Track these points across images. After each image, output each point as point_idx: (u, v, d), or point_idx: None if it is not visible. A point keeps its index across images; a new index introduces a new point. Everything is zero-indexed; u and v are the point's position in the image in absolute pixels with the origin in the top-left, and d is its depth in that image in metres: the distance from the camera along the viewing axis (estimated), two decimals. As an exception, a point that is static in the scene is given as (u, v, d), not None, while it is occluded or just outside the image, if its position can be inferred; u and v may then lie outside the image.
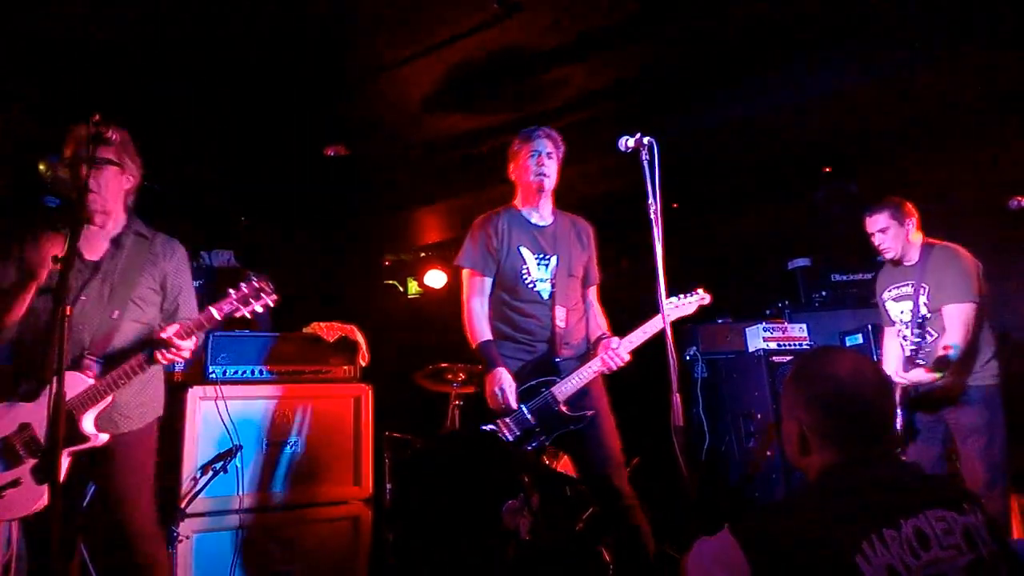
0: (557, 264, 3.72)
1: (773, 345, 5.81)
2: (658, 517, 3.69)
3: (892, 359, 4.38)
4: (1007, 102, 5.05)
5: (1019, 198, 3.73)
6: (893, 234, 4.23)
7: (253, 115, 5.31)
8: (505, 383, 3.46)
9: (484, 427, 3.48)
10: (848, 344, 5.81)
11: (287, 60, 4.63)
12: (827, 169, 6.25)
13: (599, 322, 3.84)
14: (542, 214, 3.83)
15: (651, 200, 2.97)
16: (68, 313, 2.37)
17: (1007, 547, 1.62)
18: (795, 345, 5.86)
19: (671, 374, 2.75)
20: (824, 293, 6.25)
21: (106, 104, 3.03)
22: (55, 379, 2.28)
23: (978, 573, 1.52)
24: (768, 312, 6.35)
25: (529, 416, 3.48)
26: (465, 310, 3.71)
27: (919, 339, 3.96)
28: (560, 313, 3.65)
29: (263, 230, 6.84)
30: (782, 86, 5.03)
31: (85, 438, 2.90)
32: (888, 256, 4.31)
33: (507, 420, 3.46)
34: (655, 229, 2.94)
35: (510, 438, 3.45)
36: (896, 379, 4.05)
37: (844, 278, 6.23)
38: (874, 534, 1.49)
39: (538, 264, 3.71)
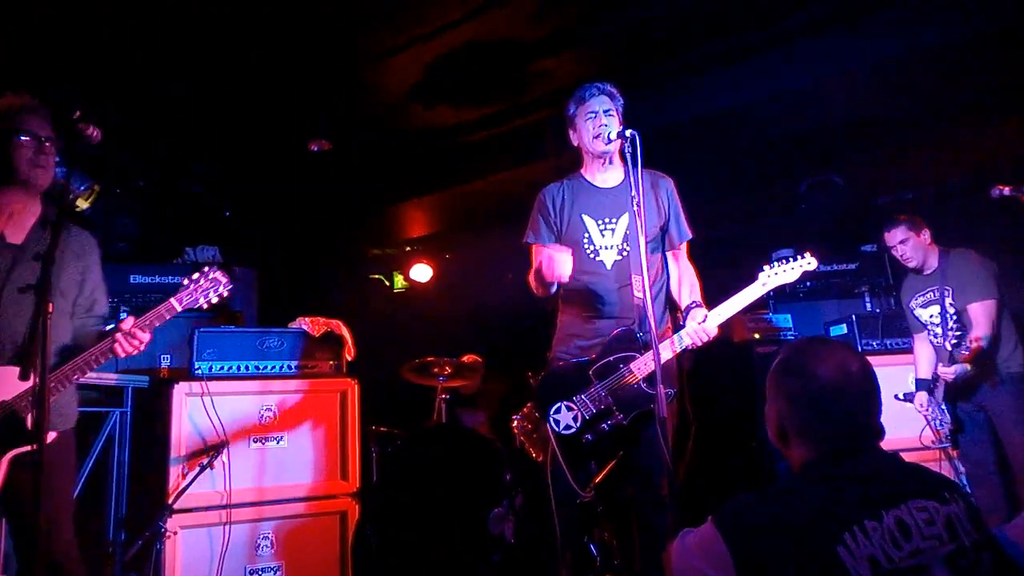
0: (628, 227, 3.36)
1: (758, 335, 5.83)
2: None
3: (924, 362, 4.73)
4: (992, 93, 5.09)
5: (1001, 187, 3.79)
6: (913, 244, 4.60)
7: (238, 111, 5.27)
8: (550, 247, 3.21)
9: (556, 404, 3.20)
10: (833, 334, 5.84)
11: (271, 54, 4.60)
12: (810, 160, 6.26)
13: (690, 288, 3.44)
14: (607, 176, 3.49)
15: (634, 192, 2.90)
16: (51, 310, 2.29)
17: (989, 536, 1.64)
18: (780, 335, 5.88)
19: (655, 366, 2.75)
20: (808, 283, 6.26)
21: (95, 100, 2.98)
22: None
23: (960, 562, 1.53)
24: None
25: (605, 394, 3.18)
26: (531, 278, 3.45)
27: (958, 332, 4.34)
28: (636, 282, 3.27)
29: (248, 225, 6.81)
30: (766, 76, 5.04)
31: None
32: (911, 265, 4.67)
33: (582, 398, 3.18)
34: (638, 221, 2.90)
35: (586, 416, 3.16)
36: (940, 373, 4.41)
37: (828, 268, 6.24)
38: (856, 526, 1.50)
39: (602, 231, 3.40)
